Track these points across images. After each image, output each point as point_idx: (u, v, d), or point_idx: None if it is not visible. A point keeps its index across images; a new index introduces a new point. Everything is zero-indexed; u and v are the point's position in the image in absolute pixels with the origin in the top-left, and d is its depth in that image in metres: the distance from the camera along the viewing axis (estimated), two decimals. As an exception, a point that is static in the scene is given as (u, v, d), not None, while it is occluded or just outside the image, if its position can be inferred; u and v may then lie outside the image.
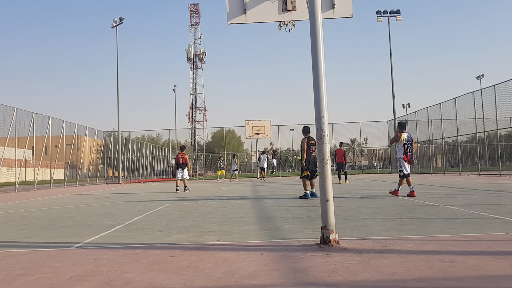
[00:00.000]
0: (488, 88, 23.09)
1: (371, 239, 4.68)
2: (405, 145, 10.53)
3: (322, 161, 4.50)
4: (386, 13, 38.32)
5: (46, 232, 6.16)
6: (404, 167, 10.45)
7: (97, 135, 35.77)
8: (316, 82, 4.57)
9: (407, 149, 10.53)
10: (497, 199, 9.01)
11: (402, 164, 10.48)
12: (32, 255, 4.41)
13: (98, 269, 3.64)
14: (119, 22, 34.46)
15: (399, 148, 10.58)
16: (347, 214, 7.13)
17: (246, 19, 5.63)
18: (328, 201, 4.38)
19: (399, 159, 10.56)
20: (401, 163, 10.51)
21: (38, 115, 24.68)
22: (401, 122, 10.91)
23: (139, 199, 12.53)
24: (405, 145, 10.54)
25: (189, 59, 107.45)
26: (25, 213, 9.38)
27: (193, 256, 4.05)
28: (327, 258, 3.78)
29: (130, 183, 34.13)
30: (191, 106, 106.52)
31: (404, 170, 10.42)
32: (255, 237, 5.07)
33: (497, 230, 5.01)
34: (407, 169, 10.46)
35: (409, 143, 10.57)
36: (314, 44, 4.59)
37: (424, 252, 3.93)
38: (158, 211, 8.58)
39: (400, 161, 10.54)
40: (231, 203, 10.20)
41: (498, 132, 24.75)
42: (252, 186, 19.32)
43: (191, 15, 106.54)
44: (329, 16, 5.51)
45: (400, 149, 10.56)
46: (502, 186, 13.18)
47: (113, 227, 6.31)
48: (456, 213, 6.77)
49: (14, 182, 23.14)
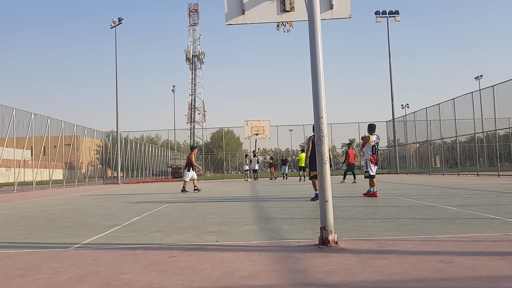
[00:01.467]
0: (487, 89, 23.11)
1: (370, 239, 4.68)
2: (373, 147, 10.81)
3: (321, 161, 4.51)
4: (385, 13, 38.39)
5: (44, 232, 6.15)
6: (370, 168, 10.74)
7: (96, 135, 35.73)
8: (315, 83, 4.57)
9: (374, 151, 10.83)
10: (495, 199, 9.02)
11: (369, 165, 10.76)
12: (30, 256, 4.41)
13: (96, 270, 3.64)
14: (118, 23, 34.45)
15: (367, 149, 10.84)
16: (346, 214, 7.13)
17: (244, 19, 5.63)
18: (327, 201, 4.38)
19: (367, 160, 10.82)
20: (367, 164, 10.79)
21: (37, 116, 24.65)
22: (371, 124, 11.08)
23: (138, 200, 12.52)
24: (373, 146, 10.81)
25: (188, 60, 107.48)
26: (23, 213, 9.36)
27: (192, 257, 4.05)
28: (326, 258, 3.78)
29: (129, 183, 34.11)
30: (190, 107, 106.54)
31: (370, 171, 10.71)
32: (254, 238, 5.07)
33: (496, 230, 5.02)
34: (373, 170, 10.74)
35: (377, 144, 10.89)
36: (313, 44, 4.59)
37: (423, 252, 3.93)
38: (157, 212, 8.57)
39: (367, 162, 10.81)
40: (230, 203, 10.20)
41: (497, 133, 24.78)
42: (251, 187, 19.32)
43: (190, 16, 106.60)
44: (328, 16, 5.52)
45: (368, 150, 10.82)
46: (501, 187, 13.19)
47: (112, 228, 6.31)
48: (454, 213, 6.77)
49: (13, 182, 23.11)
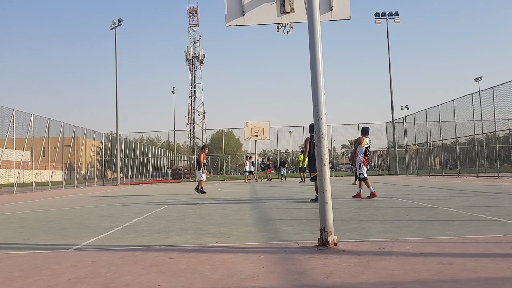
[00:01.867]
0: (487, 90, 23.13)
1: (370, 241, 4.68)
2: (365, 149, 10.94)
3: (320, 163, 4.51)
4: (384, 15, 38.45)
5: (44, 234, 6.15)
6: (363, 170, 10.83)
7: (96, 136, 35.72)
8: (315, 84, 4.58)
9: (366, 153, 10.97)
10: (495, 201, 9.03)
11: (362, 167, 10.84)
12: (30, 257, 4.40)
13: (96, 271, 3.64)
14: (118, 24, 34.47)
15: (359, 151, 10.93)
16: (345, 216, 7.13)
17: (244, 21, 5.64)
18: (326, 203, 4.38)
19: (359, 162, 10.88)
20: (361, 166, 10.86)
21: (37, 117, 24.64)
22: (365, 127, 11.19)
23: (137, 201, 12.52)
24: (366, 148, 10.95)
25: (188, 61, 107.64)
26: (23, 214, 9.36)
27: (192, 258, 4.04)
28: (326, 260, 3.78)
29: (128, 184, 34.08)
30: (189, 108, 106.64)
31: (364, 173, 10.80)
32: (253, 239, 5.07)
33: (496, 232, 5.02)
34: (365, 172, 10.84)
35: (369, 147, 11.03)
36: (313, 46, 4.60)
37: (422, 254, 3.93)
38: (156, 213, 8.57)
39: (360, 164, 10.87)
40: (229, 205, 10.19)
41: (496, 134, 24.74)
42: (251, 188, 19.31)
43: (190, 17, 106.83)
44: (327, 18, 5.52)
45: (361, 152, 10.92)
46: (500, 188, 13.20)
47: (111, 229, 6.30)
48: (454, 215, 6.77)
49: (13, 183, 23.10)
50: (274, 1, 5.59)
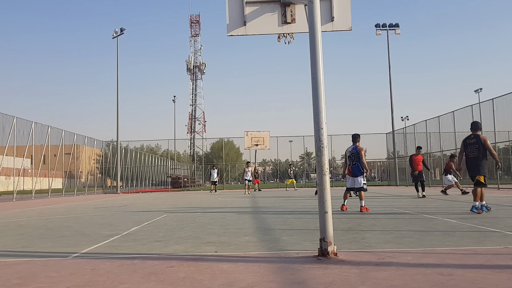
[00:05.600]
0: (487, 102, 23.18)
1: (370, 251, 4.67)
2: (349, 157, 10.33)
3: (320, 172, 4.51)
4: (385, 26, 38.65)
5: (43, 241, 6.13)
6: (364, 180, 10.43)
7: (96, 144, 35.75)
8: (315, 94, 4.60)
9: (350, 162, 10.31)
10: (495, 212, 9.00)
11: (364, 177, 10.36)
12: (29, 265, 4.39)
13: (95, 280, 3.62)
14: (120, 33, 34.66)
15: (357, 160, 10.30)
16: (345, 226, 7.11)
17: (246, 31, 5.67)
18: (326, 212, 4.38)
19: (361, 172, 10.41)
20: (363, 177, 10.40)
21: (38, 124, 24.70)
22: (354, 135, 10.61)
23: (137, 209, 12.49)
24: (349, 157, 10.33)
25: (189, 70, 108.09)
26: (22, 222, 9.33)
27: (191, 267, 4.03)
28: (325, 270, 3.76)
29: (128, 193, 34.02)
30: (190, 117, 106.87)
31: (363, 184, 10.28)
32: (253, 249, 5.05)
33: (496, 243, 5.00)
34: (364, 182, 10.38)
35: (353, 155, 10.24)
36: (314, 56, 4.63)
37: (422, 265, 3.92)
38: (156, 222, 8.54)
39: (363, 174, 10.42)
40: (229, 214, 10.17)
41: (497, 146, 24.75)
42: (250, 197, 19.27)
43: (192, 27, 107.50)
44: (328, 29, 5.56)
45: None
46: (501, 200, 13.17)
47: (110, 237, 6.29)
48: (454, 226, 6.76)
49: (12, 191, 23.07)
50: (275, 11, 5.63)
